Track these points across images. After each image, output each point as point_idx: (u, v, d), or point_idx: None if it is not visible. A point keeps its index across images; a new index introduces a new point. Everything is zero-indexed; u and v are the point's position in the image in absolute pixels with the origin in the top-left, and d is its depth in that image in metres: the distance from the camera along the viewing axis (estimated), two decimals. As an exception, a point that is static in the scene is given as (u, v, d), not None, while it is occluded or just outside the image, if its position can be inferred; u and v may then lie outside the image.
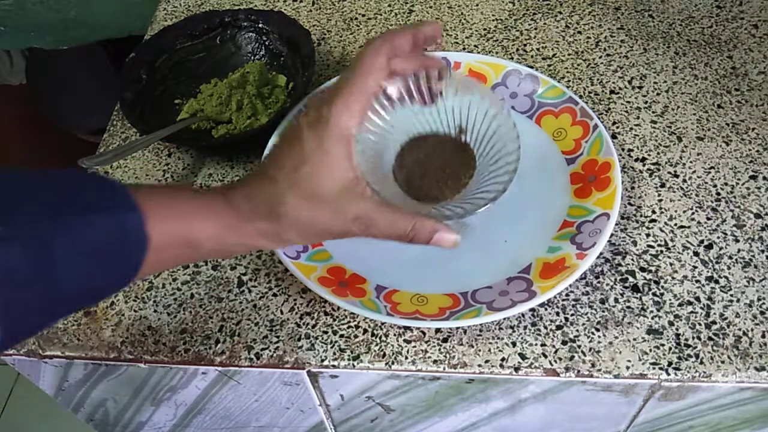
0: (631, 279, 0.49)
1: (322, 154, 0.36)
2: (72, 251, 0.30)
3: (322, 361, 0.46)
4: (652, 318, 0.47)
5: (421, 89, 0.45)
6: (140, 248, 0.33)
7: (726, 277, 0.49)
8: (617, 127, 0.60)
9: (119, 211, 0.32)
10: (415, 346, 0.46)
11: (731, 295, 0.48)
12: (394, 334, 0.47)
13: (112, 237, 0.31)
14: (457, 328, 0.47)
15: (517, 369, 0.45)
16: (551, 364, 0.45)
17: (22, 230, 0.28)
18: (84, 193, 0.31)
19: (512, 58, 0.67)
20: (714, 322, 0.47)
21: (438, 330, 0.47)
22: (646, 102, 0.62)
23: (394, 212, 0.38)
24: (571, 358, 0.45)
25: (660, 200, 0.54)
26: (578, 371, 0.45)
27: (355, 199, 0.37)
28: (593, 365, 0.45)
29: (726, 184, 0.55)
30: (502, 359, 0.45)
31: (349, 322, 0.48)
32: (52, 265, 0.29)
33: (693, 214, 0.53)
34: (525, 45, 0.69)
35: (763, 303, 0.48)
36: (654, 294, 0.48)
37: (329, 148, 0.36)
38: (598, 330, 0.47)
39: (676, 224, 0.52)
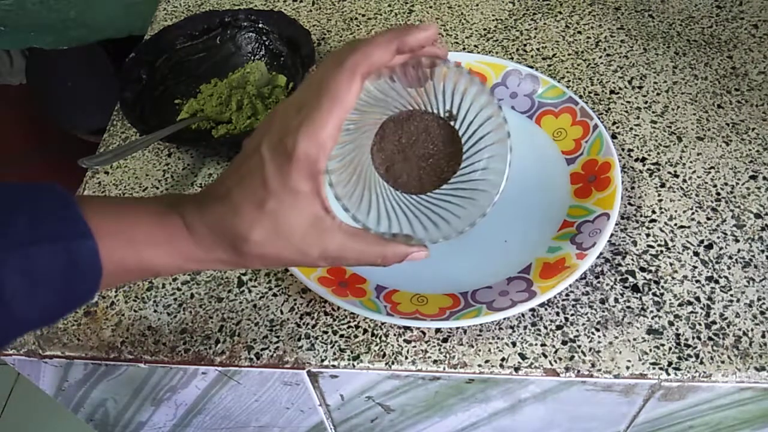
0: (631, 279, 0.49)
1: (287, 191, 0.33)
2: (21, 280, 0.29)
3: (322, 361, 0.46)
4: (652, 318, 0.47)
5: (407, 72, 0.39)
6: (94, 275, 0.31)
7: (726, 277, 0.49)
8: (617, 127, 0.60)
9: (72, 238, 0.30)
10: (415, 346, 0.46)
11: (731, 295, 0.48)
12: (394, 334, 0.47)
13: (64, 266, 0.30)
14: (457, 328, 0.47)
15: (517, 369, 0.45)
16: (551, 364, 0.45)
17: None
18: (36, 220, 0.30)
19: (512, 58, 0.67)
20: (714, 322, 0.47)
21: (438, 330, 0.47)
22: (646, 102, 0.62)
23: (364, 244, 0.36)
24: (571, 358, 0.45)
25: (660, 200, 0.54)
26: (578, 371, 0.45)
27: (322, 237, 0.35)
28: (593, 365, 0.45)
29: (726, 184, 0.55)
30: (502, 359, 0.45)
31: (349, 322, 0.48)
32: (1, 293, 0.28)
33: (693, 214, 0.53)
34: (525, 45, 0.69)
35: (763, 303, 0.48)
36: (654, 294, 0.48)
37: (295, 187, 0.33)
38: (598, 330, 0.47)
39: (676, 224, 0.52)
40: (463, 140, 0.43)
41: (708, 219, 0.53)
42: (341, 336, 0.47)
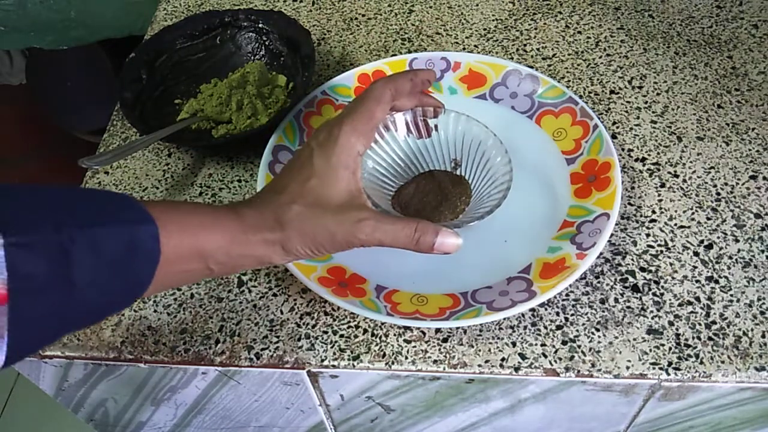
0: (631, 279, 0.49)
1: (329, 168, 0.40)
2: (89, 260, 0.30)
3: (322, 361, 0.46)
4: (652, 318, 0.47)
5: (418, 125, 0.51)
6: (152, 260, 0.33)
7: (726, 277, 0.49)
8: (617, 127, 0.60)
9: (135, 222, 0.32)
10: (415, 346, 0.46)
11: (731, 295, 0.48)
12: (394, 334, 0.47)
13: (127, 247, 0.31)
14: (457, 328, 0.47)
15: (517, 369, 0.45)
16: (551, 364, 0.45)
17: (44, 238, 0.28)
18: (100, 205, 0.32)
19: (512, 58, 0.67)
20: (714, 322, 0.47)
21: (438, 330, 0.47)
22: (646, 102, 0.62)
23: (391, 223, 0.39)
24: (571, 358, 0.45)
25: (660, 200, 0.54)
26: (578, 371, 0.45)
27: (359, 207, 0.39)
28: (593, 365, 0.45)
29: (726, 184, 0.55)
30: (502, 359, 0.45)
31: (349, 322, 0.48)
32: (69, 273, 0.29)
33: (693, 214, 0.53)
34: (525, 45, 0.69)
35: (763, 303, 0.48)
36: (654, 294, 0.48)
37: (336, 164, 0.40)
38: (598, 330, 0.47)
39: (676, 224, 0.52)
40: (469, 178, 0.52)
41: (708, 219, 0.53)
42: (341, 336, 0.47)
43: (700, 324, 0.47)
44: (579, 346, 0.46)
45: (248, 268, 0.39)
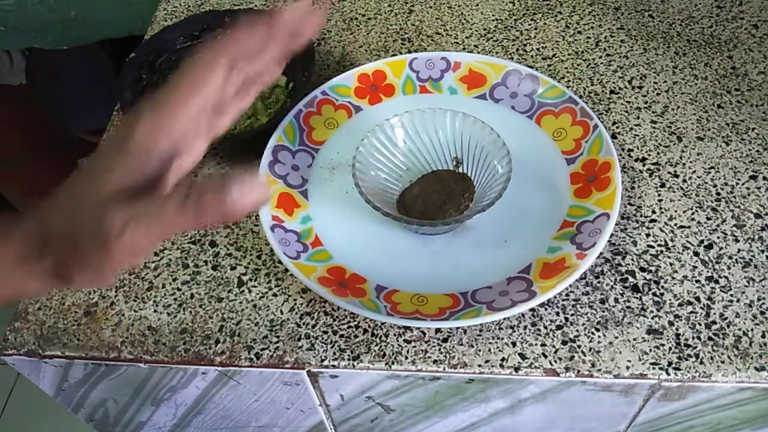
0: (631, 279, 0.49)
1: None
2: None
3: (322, 361, 0.46)
4: (652, 318, 0.47)
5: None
6: None
7: (726, 277, 0.49)
8: (617, 127, 0.60)
9: None
10: (415, 346, 0.46)
11: (731, 295, 0.48)
12: (394, 334, 0.47)
13: None
14: (457, 328, 0.47)
15: (517, 369, 0.45)
16: (551, 364, 0.45)
17: None
18: None
19: (512, 58, 0.67)
20: (714, 322, 0.47)
21: (438, 330, 0.47)
22: (646, 102, 0.62)
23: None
24: (571, 358, 0.45)
25: (660, 200, 0.54)
26: (578, 371, 0.45)
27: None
28: (593, 365, 0.45)
29: (726, 184, 0.55)
30: (502, 359, 0.45)
31: (349, 322, 0.48)
32: None
33: (693, 214, 0.53)
34: (525, 45, 0.69)
35: (763, 303, 0.48)
36: (654, 294, 0.48)
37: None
38: (598, 330, 0.47)
39: (676, 224, 0.52)
40: (471, 174, 0.53)
41: (708, 219, 0.53)
42: (341, 336, 0.47)
43: (700, 324, 0.47)
44: (579, 346, 0.46)
45: (29, 296, 0.31)
